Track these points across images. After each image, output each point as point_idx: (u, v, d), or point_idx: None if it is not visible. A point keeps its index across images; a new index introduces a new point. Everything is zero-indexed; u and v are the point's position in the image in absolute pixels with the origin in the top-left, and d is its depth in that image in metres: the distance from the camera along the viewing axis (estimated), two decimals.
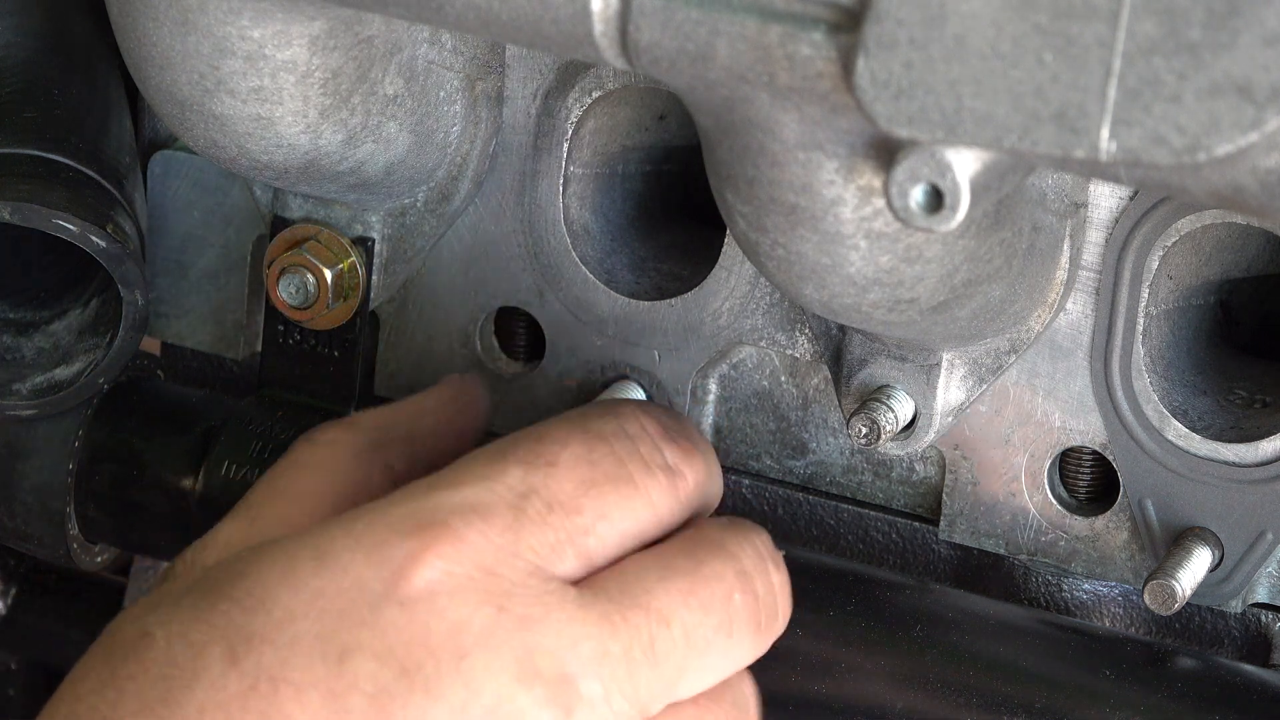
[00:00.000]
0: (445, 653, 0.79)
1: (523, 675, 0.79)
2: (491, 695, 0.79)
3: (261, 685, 0.78)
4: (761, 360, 1.00)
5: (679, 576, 0.85)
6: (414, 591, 0.80)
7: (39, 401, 1.04)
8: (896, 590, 0.95)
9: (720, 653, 0.85)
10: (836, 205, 0.75)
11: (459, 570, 0.80)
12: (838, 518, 1.02)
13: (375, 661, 0.78)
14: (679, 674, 0.84)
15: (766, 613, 0.87)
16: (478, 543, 0.81)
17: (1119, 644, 0.92)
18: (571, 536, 0.83)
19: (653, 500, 0.86)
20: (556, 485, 0.84)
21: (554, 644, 0.80)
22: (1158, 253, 0.91)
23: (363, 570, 0.80)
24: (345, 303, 1.03)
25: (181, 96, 0.89)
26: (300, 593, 0.80)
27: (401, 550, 0.81)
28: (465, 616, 0.80)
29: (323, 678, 0.78)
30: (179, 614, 0.81)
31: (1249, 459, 0.91)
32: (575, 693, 0.80)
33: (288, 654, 0.79)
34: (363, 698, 0.78)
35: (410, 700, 0.78)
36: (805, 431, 1.01)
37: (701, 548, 0.86)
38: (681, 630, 0.83)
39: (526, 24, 0.74)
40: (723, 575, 0.86)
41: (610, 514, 0.84)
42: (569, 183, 1.00)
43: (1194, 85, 0.63)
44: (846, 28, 0.69)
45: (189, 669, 0.79)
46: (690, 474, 0.88)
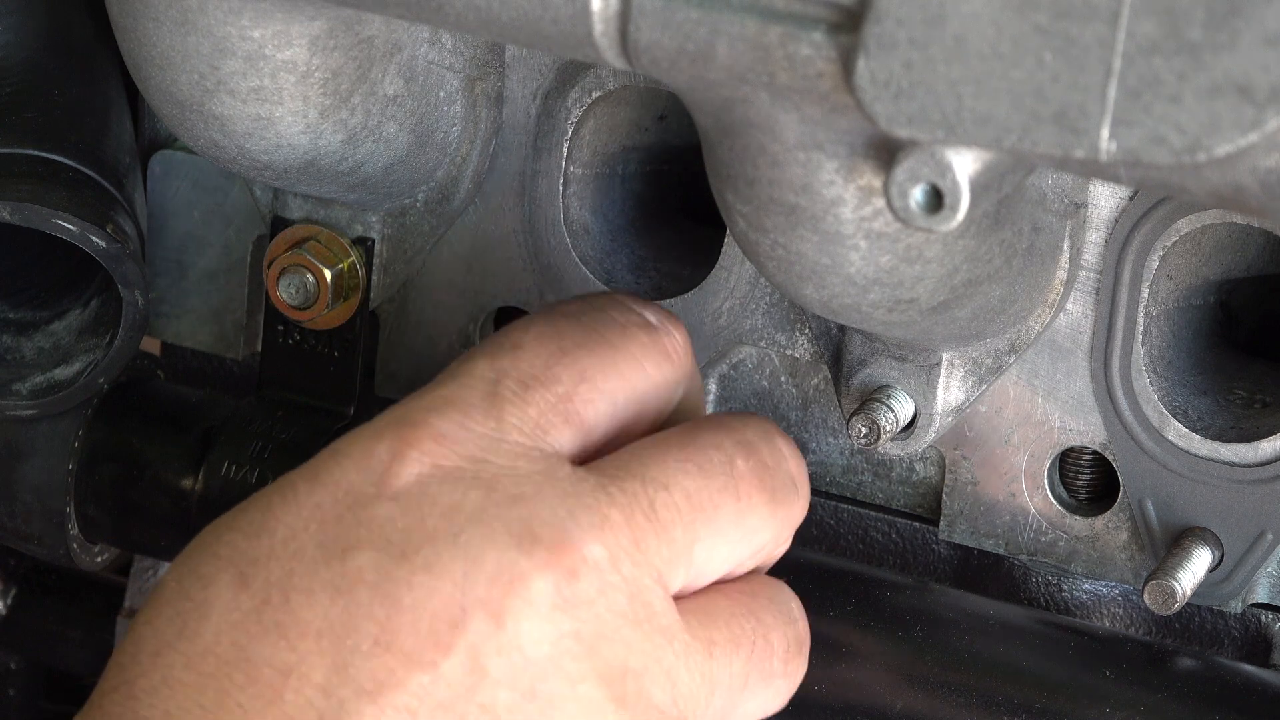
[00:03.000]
0: (441, 533, 0.80)
1: (522, 543, 0.79)
2: (493, 563, 0.79)
3: (273, 598, 0.80)
4: (761, 360, 1.00)
5: (673, 447, 0.84)
6: (405, 486, 0.81)
7: (39, 401, 1.04)
8: (896, 590, 0.95)
9: (730, 517, 0.84)
10: (836, 205, 0.75)
11: (445, 461, 0.81)
12: (838, 518, 1.02)
13: (374, 551, 0.79)
14: (690, 538, 0.83)
15: (780, 482, 0.86)
16: (458, 434, 0.82)
17: (1119, 644, 0.92)
18: (554, 405, 0.83)
19: (635, 355, 0.86)
20: (526, 363, 0.84)
21: (550, 515, 0.80)
22: (1158, 253, 0.91)
23: (352, 477, 0.82)
24: (345, 303, 1.03)
25: (181, 96, 0.89)
26: (299, 510, 0.81)
27: (386, 452, 0.82)
28: (456, 499, 0.80)
29: (328, 579, 0.79)
30: (188, 553, 0.83)
31: (1249, 459, 0.91)
32: (579, 556, 0.80)
33: (293, 565, 0.80)
34: (367, 588, 0.79)
35: (413, 580, 0.79)
36: (805, 431, 1.01)
37: (698, 425, 0.86)
38: (682, 493, 0.83)
39: (526, 24, 0.74)
40: (720, 444, 0.85)
41: (589, 375, 0.84)
42: (569, 183, 1.00)
43: (1194, 85, 0.63)
44: (846, 28, 0.69)
45: (201, 600, 0.81)
46: (674, 328, 0.88)
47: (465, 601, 0.78)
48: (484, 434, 0.82)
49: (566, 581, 0.79)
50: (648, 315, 0.87)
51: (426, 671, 0.78)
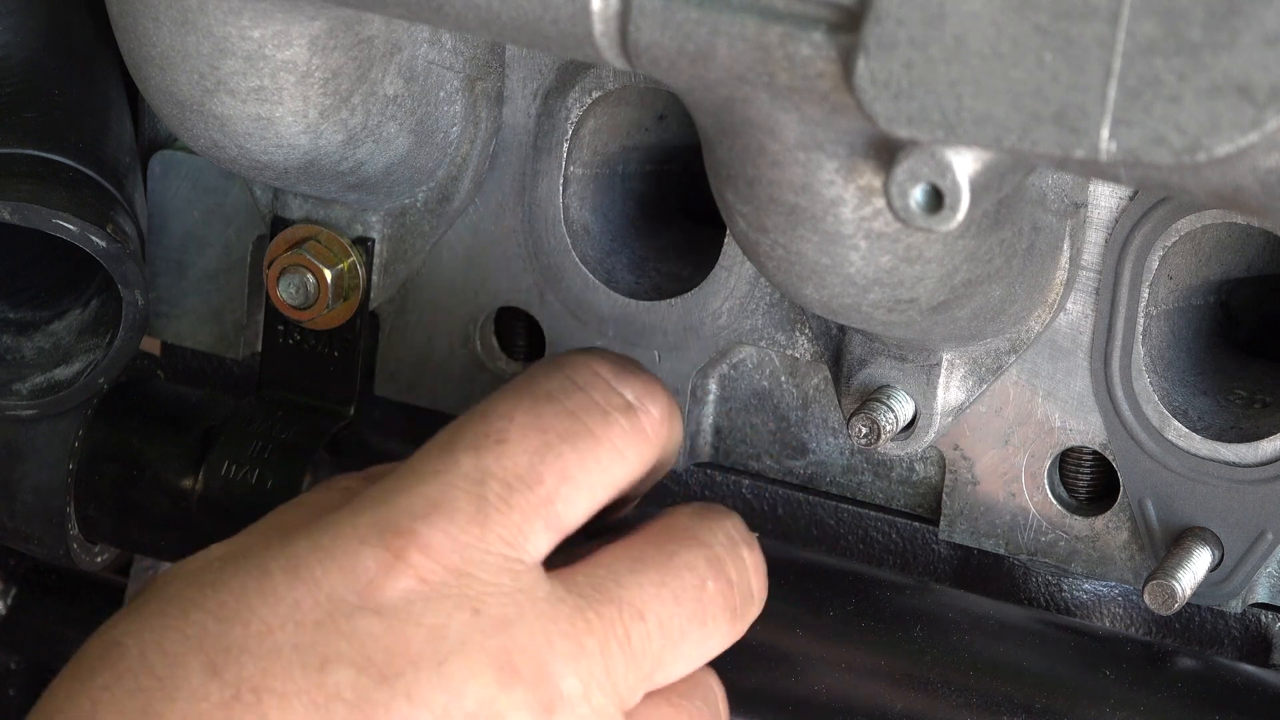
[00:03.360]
0: (424, 659, 0.79)
1: (502, 677, 0.80)
2: (473, 699, 0.79)
3: (245, 695, 0.78)
4: (761, 360, 1.00)
5: (650, 568, 0.85)
6: (388, 601, 0.80)
7: (39, 401, 1.04)
8: (896, 590, 0.95)
9: (695, 642, 0.85)
10: (836, 205, 0.75)
11: (431, 577, 0.80)
12: (838, 518, 1.02)
13: (355, 670, 0.79)
14: (655, 665, 0.84)
15: (741, 597, 0.87)
16: (445, 545, 0.81)
17: (1119, 644, 0.92)
18: (537, 509, 0.83)
19: (616, 445, 0.85)
20: (510, 461, 0.83)
21: (530, 643, 0.80)
22: (1158, 253, 0.91)
23: (335, 583, 0.81)
24: (345, 303, 1.03)
25: (181, 96, 0.89)
26: (276, 605, 0.80)
27: (372, 561, 0.81)
28: (441, 622, 0.80)
29: (305, 687, 0.78)
30: (149, 623, 0.81)
31: (1249, 459, 0.91)
32: (555, 691, 0.80)
33: (268, 664, 0.79)
34: (345, 706, 0.78)
35: (393, 706, 0.78)
36: (805, 432, 1.01)
37: (672, 538, 0.86)
38: (656, 622, 0.84)
39: (526, 24, 0.74)
40: (694, 564, 0.85)
41: (572, 475, 0.84)
42: (569, 183, 1.00)
43: (1194, 85, 0.63)
44: (846, 28, 0.69)
45: (168, 679, 0.79)
46: (654, 407, 0.87)
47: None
48: (469, 544, 0.81)
49: (543, 718, 0.80)
50: (627, 394, 0.86)
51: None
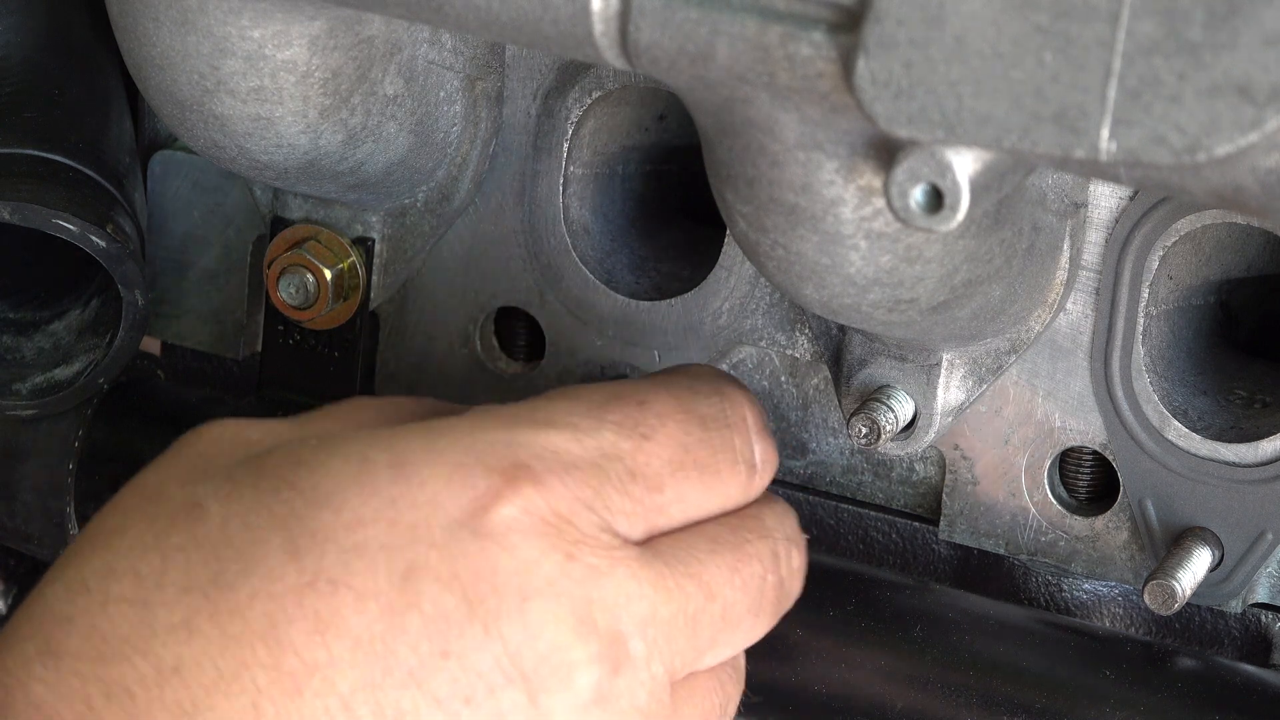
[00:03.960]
0: (510, 591, 0.79)
1: (580, 628, 0.80)
2: (547, 643, 0.79)
3: (320, 584, 0.77)
4: (761, 360, 1.00)
5: (726, 552, 0.85)
6: (490, 525, 0.79)
7: (39, 401, 1.04)
8: (896, 590, 0.95)
9: (745, 631, 0.86)
10: (836, 205, 0.75)
11: (536, 513, 0.80)
12: (838, 518, 1.02)
13: (439, 585, 0.78)
14: (709, 646, 0.84)
15: (786, 596, 0.88)
16: (558, 490, 0.81)
17: (1119, 644, 0.92)
18: (647, 511, 0.84)
19: (729, 495, 0.87)
20: (645, 459, 0.84)
21: (613, 599, 0.80)
22: (1158, 253, 0.91)
23: (441, 491, 0.79)
24: (345, 303, 1.03)
25: (181, 97, 0.89)
26: (372, 498, 0.79)
27: (484, 482, 0.80)
28: (535, 558, 0.79)
29: (384, 590, 0.77)
30: (236, 491, 0.80)
31: (1249, 459, 0.91)
32: (625, 651, 0.81)
33: (351, 558, 0.78)
34: (421, 619, 0.78)
35: (467, 631, 0.78)
36: (805, 432, 1.01)
37: (744, 524, 0.87)
38: (722, 606, 0.84)
39: (526, 24, 0.74)
40: (761, 556, 0.86)
41: (688, 498, 0.85)
42: (569, 183, 1.00)
43: (1194, 85, 0.63)
44: (846, 28, 0.69)
45: (246, 554, 0.78)
46: (768, 473, 0.89)
47: (509, 671, 0.78)
48: (578, 498, 0.81)
49: (609, 677, 0.80)
50: (757, 453, 0.88)
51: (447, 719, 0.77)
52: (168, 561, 0.78)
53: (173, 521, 0.79)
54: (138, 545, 0.79)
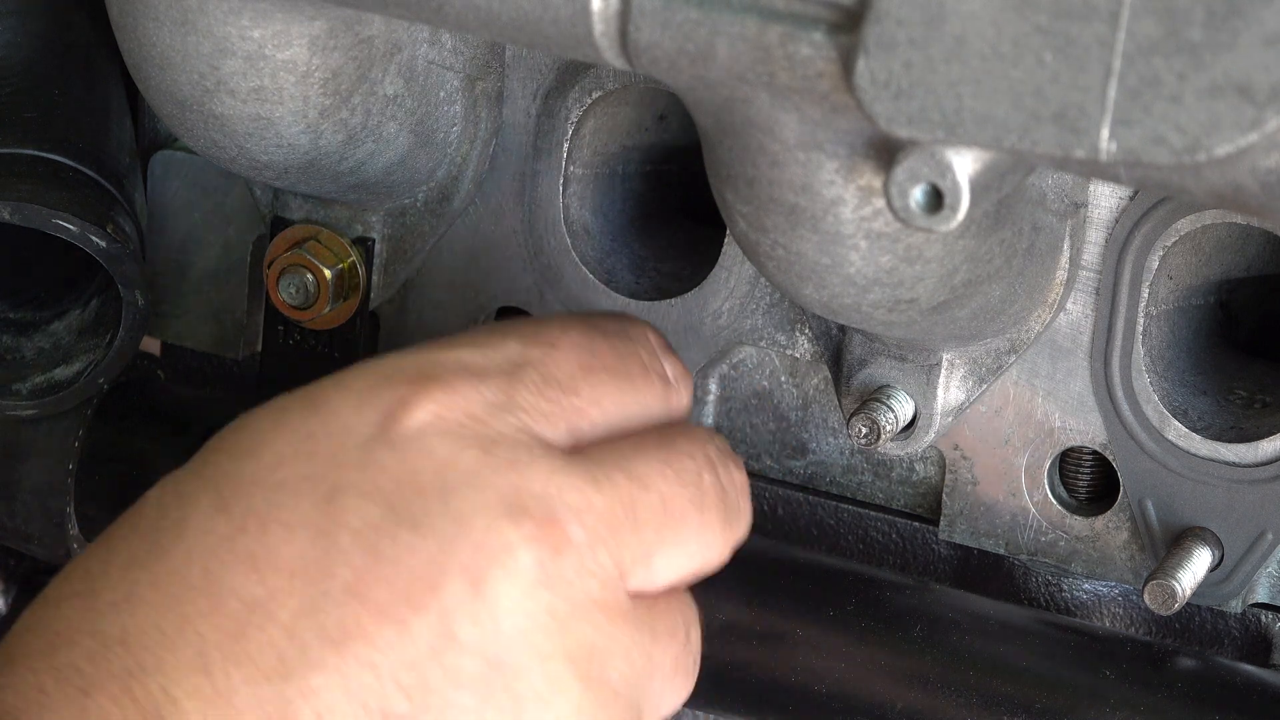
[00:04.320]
0: (433, 490, 0.79)
1: (511, 512, 0.79)
2: (480, 529, 0.78)
3: (250, 526, 0.78)
4: (761, 360, 1.00)
5: (653, 449, 0.84)
6: (402, 433, 0.80)
7: (39, 401, 1.04)
8: (896, 590, 0.95)
9: (693, 530, 0.85)
10: (836, 205, 0.75)
11: (449, 415, 0.80)
12: (838, 518, 1.02)
13: (363, 499, 0.78)
14: (657, 541, 0.83)
15: (731, 508, 0.87)
16: (469, 394, 0.81)
17: (1119, 644, 0.92)
18: (565, 413, 0.83)
19: (645, 402, 0.86)
20: (554, 364, 0.84)
21: (541, 488, 0.80)
22: (1158, 253, 0.91)
23: (352, 415, 0.80)
24: (345, 303, 1.03)
25: (181, 97, 0.89)
26: (290, 437, 0.80)
27: (392, 395, 0.81)
28: (452, 455, 0.79)
29: (311, 517, 0.78)
30: (173, 476, 0.82)
31: (1249, 459, 0.91)
32: (563, 534, 0.79)
33: (276, 495, 0.79)
34: (350, 534, 0.78)
35: (398, 535, 0.78)
36: (805, 432, 1.00)
37: (673, 430, 0.86)
38: (659, 497, 0.83)
39: (526, 24, 0.74)
40: (693, 454, 0.85)
41: (604, 402, 0.84)
42: (569, 183, 1.00)
43: (1194, 85, 0.63)
44: (846, 28, 0.69)
45: (179, 520, 0.79)
46: (684, 390, 0.88)
47: (447, 564, 0.78)
48: (492, 402, 0.81)
49: (550, 558, 0.79)
50: (668, 369, 0.88)
51: (395, 628, 0.77)
52: (111, 551, 0.80)
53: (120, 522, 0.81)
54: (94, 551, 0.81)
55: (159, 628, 0.77)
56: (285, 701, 0.76)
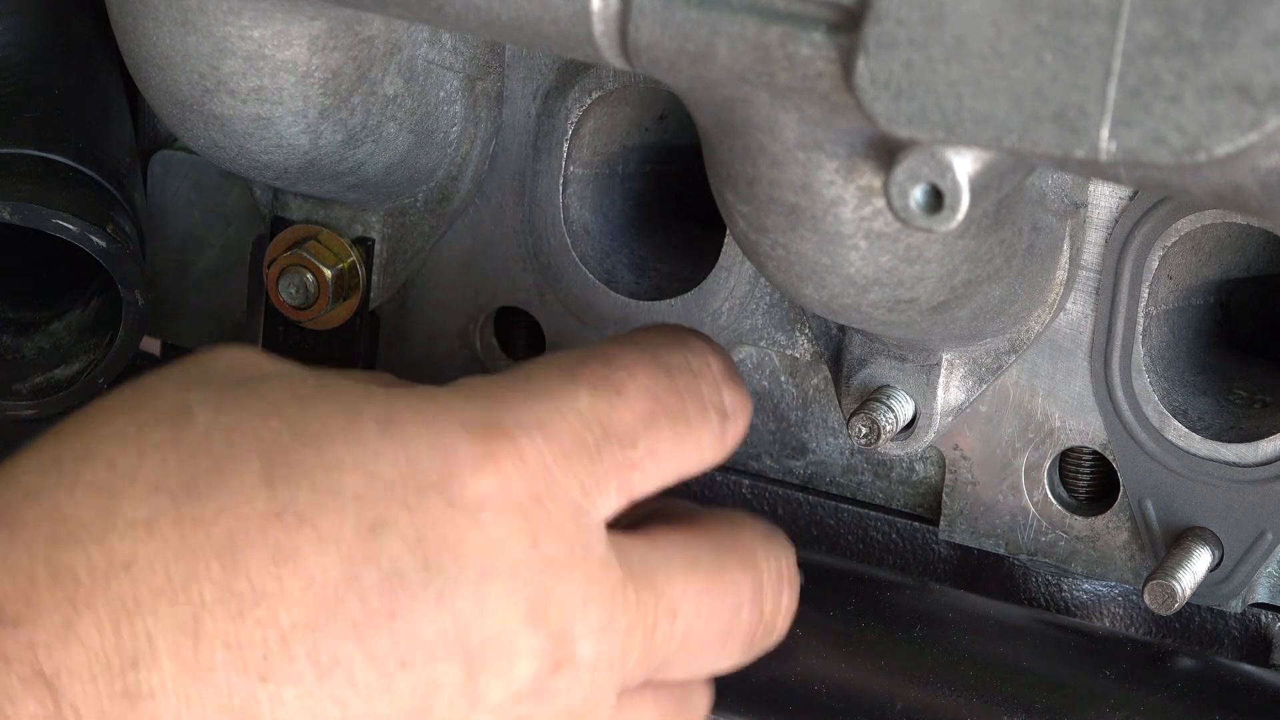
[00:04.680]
0: (471, 565, 0.78)
1: (531, 617, 0.79)
2: (497, 625, 0.79)
3: (288, 517, 0.77)
4: (761, 360, 1.00)
5: (700, 574, 0.85)
6: (465, 495, 0.79)
7: (39, 401, 1.04)
8: (896, 590, 0.95)
9: (708, 660, 0.86)
10: (836, 205, 0.75)
11: (511, 490, 0.80)
12: (838, 518, 1.02)
13: (403, 545, 0.78)
14: (664, 665, 0.84)
15: (764, 632, 0.88)
16: (535, 465, 0.80)
17: (1119, 644, 0.92)
18: (620, 469, 0.83)
19: (702, 444, 0.86)
20: (618, 416, 0.83)
21: (569, 597, 0.80)
22: (1158, 253, 0.91)
23: (424, 453, 0.79)
24: (345, 303, 1.03)
25: (181, 97, 0.89)
26: (355, 449, 0.79)
27: (466, 449, 0.80)
28: (502, 539, 0.79)
29: (348, 537, 0.77)
30: (226, 404, 0.80)
31: (1249, 459, 0.91)
32: (570, 651, 0.80)
33: (324, 500, 0.78)
34: (378, 574, 0.77)
35: (420, 596, 0.78)
36: (805, 432, 1.00)
37: (730, 550, 0.87)
38: (684, 627, 0.84)
39: (526, 24, 0.74)
40: (740, 587, 0.86)
41: (661, 451, 0.84)
42: (569, 183, 1.00)
43: (1194, 85, 0.63)
44: (846, 28, 0.69)
45: (222, 469, 0.78)
46: (741, 420, 0.88)
47: (452, 646, 0.78)
48: (554, 478, 0.81)
49: (548, 673, 0.80)
50: (727, 400, 0.87)
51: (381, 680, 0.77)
52: (143, 457, 0.78)
53: (157, 420, 0.79)
54: (118, 435, 0.79)
55: (168, 570, 0.76)
56: (254, 700, 0.76)
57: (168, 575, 0.76)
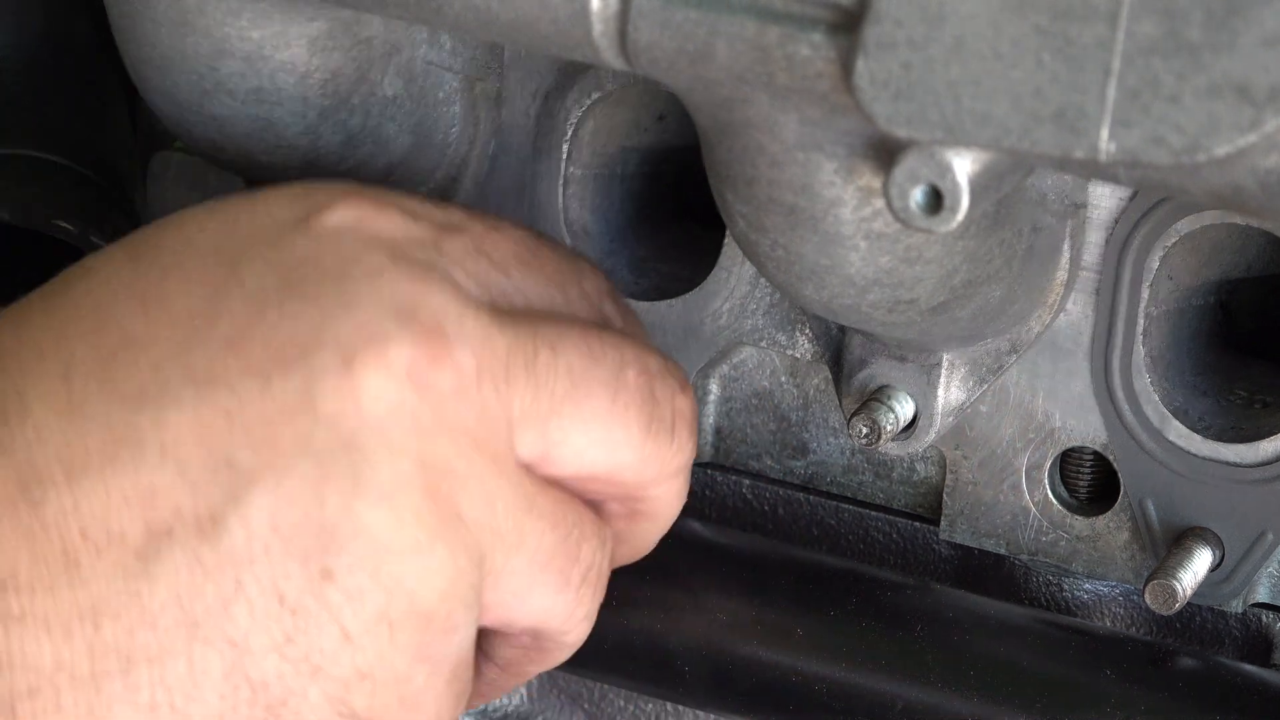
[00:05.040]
0: (331, 273, 0.78)
1: (400, 312, 0.77)
2: (365, 313, 0.77)
3: (152, 274, 0.78)
4: (762, 360, 1.00)
5: (577, 325, 0.82)
6: (320, 225, 0.79)
7: None
8: (897, 590, 0.95)
9: (600, 414, 0.82)
10: (836, 206, 0.75)
11: (370, 226, 0.80)
12: (838, 518, 1.02)
13: (263, 266, 0.78)
14: (553, 407, 0.80)
15: (658, 417, 0.84)
16: (396, 219, 0.80)
17: (1119, 644, 0.92)
18: (487, 284, 0.81)
19: (574, 310, 0.84)
20: (493, 242, 0.83)
21: (440, 306, 0.78)
22: (1158, 253, 0.91)
23: (279, 208, 0.80)
24: None
25: (180, 98, 0.89)
26: (218, 218, 0.80)
27: (323, 197, 0.80)
28: (360, 253, 0.79)
29: (211, 274, 0.78)
30: (115, 242, 0.82)
31: (1249, 459, 0.91)
32: (447, 349, 0.78)
33: (184, 255, 0.79)
34: (242, 295, 0.77)
35: (285, 302, 0.77)
36: (805, 432, 1.00)
37: (613, 332, 0.84)
38: (565, 364, 0.81)
39: (526, 25, 0.74)
40: (621, 350, 0.83)
41: (530, 294, 0.83)
42: (569, 183, 1.00)
43: (1193, 85, 0.63)
44: (845, 28, 0.69)
45: (88, 266, 0.80)
46: (623, 325, 0.86)
47: (323, 335, 0.76)
48: (416, 236, 0.80)
49: (427, 363, 0.77)
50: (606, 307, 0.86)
51: (259, 382, 0.76)
52: (29, 297, 0.80)
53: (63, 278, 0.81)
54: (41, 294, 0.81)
55: (35, 343, 0.77)
56: (134, 427, 0.75)
57: (36, 347, 0.77)
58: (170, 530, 0.75)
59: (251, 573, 0.75)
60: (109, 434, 0.75)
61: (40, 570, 0.74)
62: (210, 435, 0.75)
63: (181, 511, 0.75)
